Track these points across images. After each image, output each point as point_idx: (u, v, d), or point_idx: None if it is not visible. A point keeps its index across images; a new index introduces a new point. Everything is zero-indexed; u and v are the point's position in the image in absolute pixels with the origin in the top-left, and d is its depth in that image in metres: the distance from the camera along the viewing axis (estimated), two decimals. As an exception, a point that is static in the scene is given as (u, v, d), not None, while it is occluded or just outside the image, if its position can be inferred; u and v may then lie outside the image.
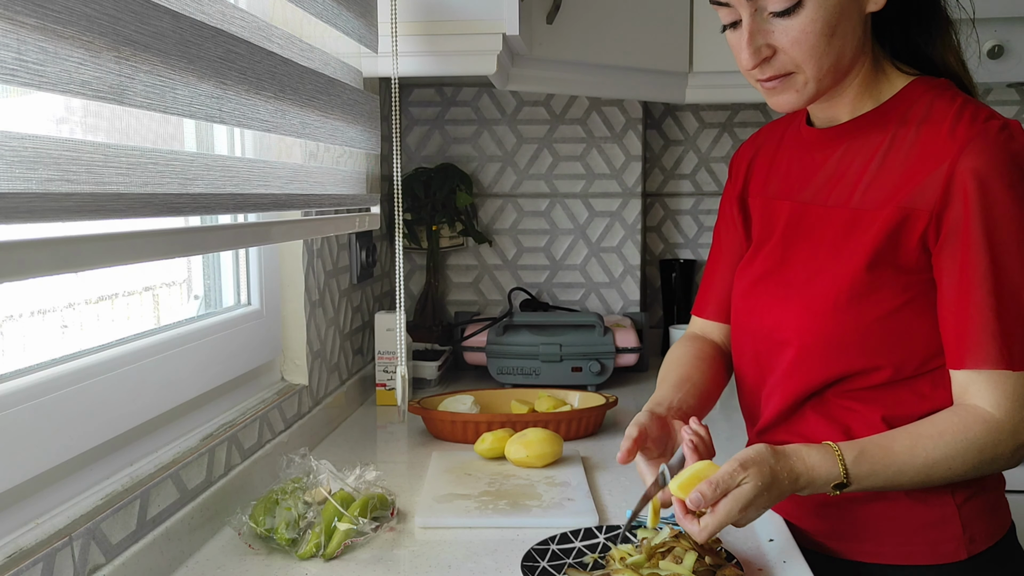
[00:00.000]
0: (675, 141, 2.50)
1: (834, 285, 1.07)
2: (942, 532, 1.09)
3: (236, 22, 1.02)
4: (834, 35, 1.01)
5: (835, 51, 1.02)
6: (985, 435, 1.00)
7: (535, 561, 1.04)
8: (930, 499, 1.09)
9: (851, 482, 0.99)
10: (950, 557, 1.08)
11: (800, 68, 1.03)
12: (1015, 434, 1.01)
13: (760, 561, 1.08)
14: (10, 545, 0.83)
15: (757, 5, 1.01)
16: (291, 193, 1.23)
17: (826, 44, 1.01)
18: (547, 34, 1.78)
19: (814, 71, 1.03)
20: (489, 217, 2.39)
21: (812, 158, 1.15)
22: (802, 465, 0.99)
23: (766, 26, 1.02)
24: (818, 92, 1.05)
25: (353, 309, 1.89)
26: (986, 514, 1.11)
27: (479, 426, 1.56)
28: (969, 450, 1.00)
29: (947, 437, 1.00)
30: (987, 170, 0.98)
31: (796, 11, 0.99)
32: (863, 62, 1.07)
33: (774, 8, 1.00)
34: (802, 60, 1.02)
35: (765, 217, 1.20)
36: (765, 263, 1.18)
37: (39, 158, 0.68)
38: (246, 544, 1.12)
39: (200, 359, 1.21)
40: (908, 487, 1.04)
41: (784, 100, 1.06)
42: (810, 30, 1.00)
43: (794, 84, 1.05)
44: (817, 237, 1.11)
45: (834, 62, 1.03)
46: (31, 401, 0.86)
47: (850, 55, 1.04)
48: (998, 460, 1.02)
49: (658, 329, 2.46)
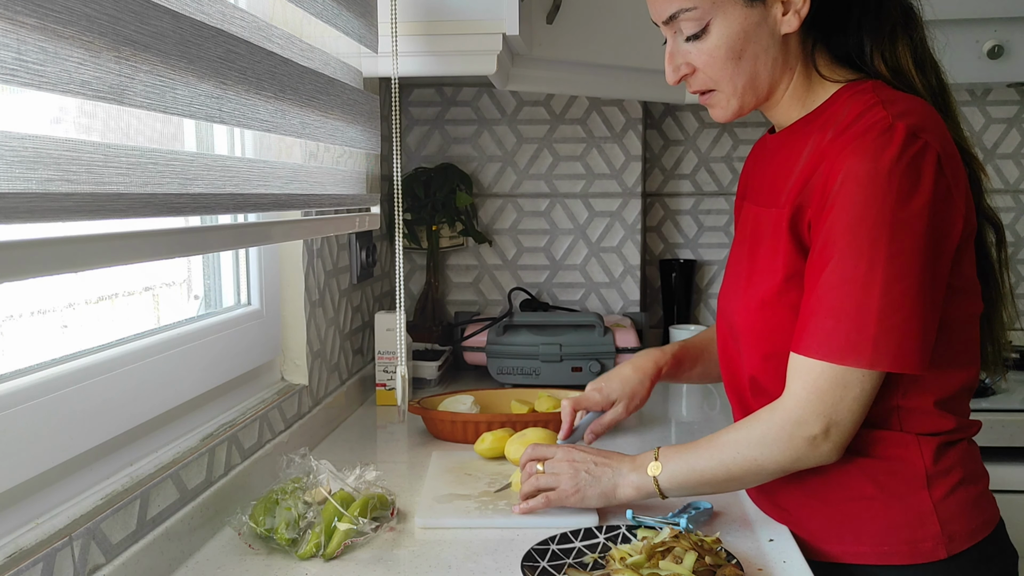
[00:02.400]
0: (675, 141, 2.50)
1: (762, 282, 1.13)
2: (919, 531, 1.09)
3: (236, 22, 1.02)
4: (741, 58, 1.10)
5: (746, 71, 1.10)
6: (768, 423, 1.07)
7: (535, 561, 1.04)
8: (905, 497, 1.09)
9: (667, 496, 1.15)
10: (929, 556, 1.09)
11: (718, 85, 1.12)
12: (802, 423, 1.05)
13: (760, 561, 1.08)
14: (10, 545, 0.83)
15: (675, 28, 1.11)
16: (291, 193, 1.23)
17: (734, 66, 1.10)
18: (547, 34, 1.78)
19: (729, 89, 1.12)
20: (489, 217, 2.39)
21: (767, 163, 1.22)
22: (624, 480, 1.16)
23: (684, 47, 1.12)
24: (741, 106, 1.14)
25: (353, 309, 1.89)
26: (966, 512, 1.10)
27: (479, 426, 1.56)
28: (753, 440, 1.08)
29: (739, 434, 1.10)
30: (853, 171, 1.01)
31: (703, 35, 1.09)
32: (790, 77, 1.14)
33: (687, 32, 1.10)
34: (716, 79, 1.12)
35: (742, 221, 1.27)
36: (732, 262, 1.26)
37: (39, 158, 0.68)
38: (246, 544, 1.12)
39: (200, 359, 1.21)
40: (729, 488, 1.14)
41: (714, 113, 1.16)
42: (717, 54, 1.09)
43: (717, 100, 1.14)
44: (759, 236, 1.17)
45: (748, 80, 1.11)
46: (31, 401, 0.86)
47: (767, 73, 1.12)
48: (795, 451, 1.06)
49: (658, 329, 2.46)
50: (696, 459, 1.13)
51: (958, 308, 1.08)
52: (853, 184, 1.01)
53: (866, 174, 1.00)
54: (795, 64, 1.13)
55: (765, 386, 1.15)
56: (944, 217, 1.02)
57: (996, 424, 1.87)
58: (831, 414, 1.04)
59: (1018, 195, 2.45)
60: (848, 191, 1.01)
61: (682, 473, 1.13)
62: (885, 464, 1.10)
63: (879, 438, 1.10)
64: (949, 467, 1.10)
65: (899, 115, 1.03)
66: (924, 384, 1.08)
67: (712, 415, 1.86)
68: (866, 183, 1.00)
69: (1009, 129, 2.43)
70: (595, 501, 1.17)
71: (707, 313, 2.52)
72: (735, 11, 1.08)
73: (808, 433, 1.04)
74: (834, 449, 1.06)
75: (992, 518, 1.14)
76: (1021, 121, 2.43)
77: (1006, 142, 2.44)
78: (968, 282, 1.10)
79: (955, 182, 1.03)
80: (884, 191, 0.99)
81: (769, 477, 1.11)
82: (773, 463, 1.08)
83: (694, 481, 1.13)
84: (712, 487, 1.14)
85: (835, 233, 1.02)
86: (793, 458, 1.07)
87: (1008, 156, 2.44)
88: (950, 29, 2.06)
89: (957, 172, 1.04)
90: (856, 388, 1.03)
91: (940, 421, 1.10)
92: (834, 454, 1.06)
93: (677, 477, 1.13)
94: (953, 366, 1.10)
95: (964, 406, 1.15)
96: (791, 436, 1.05)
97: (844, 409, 1.03)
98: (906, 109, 1.05)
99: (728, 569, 0.99)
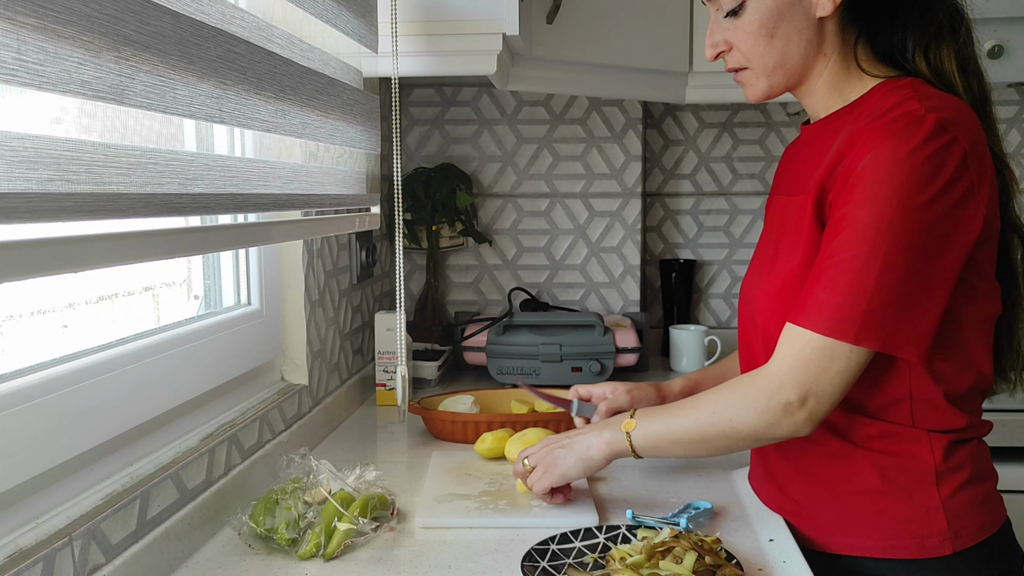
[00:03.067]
0: (675, 141, 2.50)
1: (785, 267, 1.13)
2: (926, 526, 1.09)
3: (236, 22, 1.02)
4: (773, 36, 1.12)
5: (777, 50, 1.13)
6: (748, 385, 1.08)
7: (535, 561, 1.04)
8: (914, 492, 1.10)
9: (641, 456, 1.16)
10: (935, 551, 1.09)
11: (750, 63, 1.15)
12: (781, 388, 1.05)
13: (760, 561, 1.08)
14: (10, 545, 0.83)
15: (716, 5, 1.15)
16: (291, 193, 1.23)
17: (766, 43, 1.13)
18: (547, 34, 1.78)
19: (760, 67, 1.15)
20: (489, 217, 2.39)
21: (799, 153, 1.23)
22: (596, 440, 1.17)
23: (723, 23, 1.15)
24: (771, 87, 1.16)
25: (353, 309, 1.89)
26: (974, 510, 1.11)
27: (479, 426, 1.56)
28: (731, 401, 1.09)
29: (718, 395, 1.11)
30: (876, 152, 1.02)
31: (740, 11, 1.13)
32: (824, 63, 1.15)
33: (726, 8, 1.14)
34: (748, 56, 1.15)
35: (770, 213, 1.28)
36: (757, 254, 1.26)
37: (39, 158, 0.68)
38: (246, 544, 1.12)
39: (200, 359, 1.21)
40: (701, 451, 1.13)
41: (746, 92, 1.19)
42: (750, 30, 1.13)
43: (748, 78, 1.17)
44: (785, 224, 1.17)
45: (778, 60, 1.14)
46: (31, 401, 0.86)
47: (800, 55, 1.13)
48: (770, 416, 1.06)
49: (658, 329, 2.46)
50: (671, 418, 1.13)
51: (975, 307, 1.09)
52: (873, 164, 1.02)
53: (887, 157, 1.01)
54: (832, 52, 1.14)
55: None
56: (962, 214, 1.03)
57: (1002, 424, 1.87)
58: (811, 384, 1.04)
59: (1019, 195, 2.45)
60: (867, 171, 1.02)
61: (655, 431, 1.14)
62: (895, 459, 1.11)
63: (891, 432, 1.10)
64: (959, 465, 1.11)
65: (932, 108, 1.04)
66: (935, 376, 1.09)
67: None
68: (885, 165, 1.01)
69: (1009, 129, 2.43)
70: (575, 471, 1.18)
71: (707, 313, 2.52)
72: None
73: (785, 399, 1.05)
74: (808, 420, 1.05)
75: (999, 517, 1.14)
76: (1021, 121, 2.43)
77: (1006, 142, 2.43)
78: (987, 283, 1.10)
79: (979, 181, 1.04)
80: (902, 175, 1.00)
81: (741, 443, 1.10)
82: (746, 426, 1.08)
83: (667, 440, 1.13)
84: (684, 448, 1.14)
85: (848, 210, 1.04)
86: (767, 423, 1.06)
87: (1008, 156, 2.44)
88: (950, 29, 2.07)
89: (984, 173, 1.05)
90: (841, 363, 1.03)
91: (951, 418, 1.10)
92: (807, 426, 1.06)
93: (651, 435, 1.14)
94: (966, 362, 1.10)
95: (975, 405, 1.15)
96: (768, 400, 1.06)
97: (825, 381, 1.04)
98: (941, 104, 1.06)
99: (728, 569, 0.99)
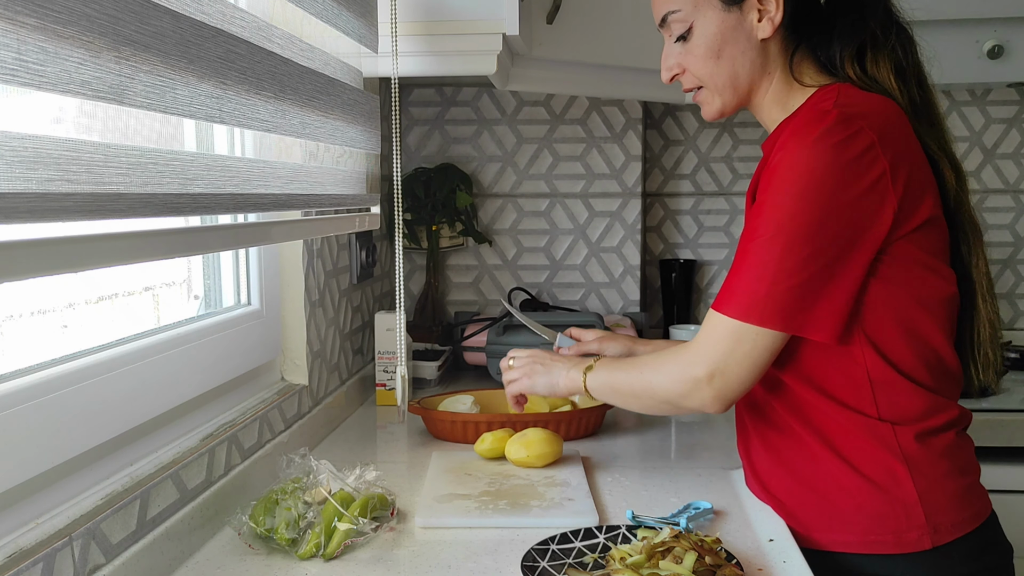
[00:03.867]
0: (675, 141, 2.50)
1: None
2: (904, 521, 1.10)
3: (236, 22, 1.02)
4: (720, 57, 1.19)
5: (725, 70, 1.20)
6: (673, 356, 1.17)
7: (535, 561, 1.04)
8: (889, 488, 1.11)
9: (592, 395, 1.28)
10: (915, 546, 1.10)
11: (703, 83, 1.22)
12: (693, 364, 1.13)
13: (760, 561, 1.08)
14: (10, 545, 0.83)
15: (668, 31, 1.23)
16: (291, 193, 1.23)
17: (714, 64, 1.20)
18: (547, 34, 1.78)
19: (712, 86, 1.21)
20: (489, 217, 2.39)
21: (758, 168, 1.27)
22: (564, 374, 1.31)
23: (675, 48, 1.23)
24: (724, 104, 1.23)
25: (353, 309, 1.89)
26: (953, 504, 1.11)
27: (479, 426, 1.56)
28: (657, 367, 1.19)
29: (652, 359, 1.21)
30: (784, 153, 1.08)
31: (689, 36, 1.20)
32: (769, 81, 1.21)
33: (676, 33, 1.21)
34: (700, 76, 1.21)
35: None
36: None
37: (39, 158, 0.68)
38: (246, 544, 1.12)
39: (200, 359, 1.21)
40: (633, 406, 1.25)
41: (704, 111, 1.26)
42: (698, 52, 1.20)
43: (704, 97, 1.24)
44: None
45: (727, 79, 1.20)
46: (31, 401, 0.86)
47: (747, 74, 1.20)
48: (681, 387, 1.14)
49: (658, 329, 2.46)
50: (617, 371, 1.25)
51: (922, 288, 1.12)
52: (781, 159, 1.09)
53: (793, 150, 1.07)
54: (775, 69, 1.21)
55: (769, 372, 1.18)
56: (872, 199, 1.06)
57: (995, 424, 1.87)
58: (718, 363, 1.11)
59: (1018, 195, 2.45)
60: (776, 166, 1.09)
61: (603, 379, 1.26)
62: (867, 454, 1.12)
63: (859, 425, 1.11)
64: (935, 458, 1.11)
65: (841, 105, 1.10)
66: (885, 354, 1.11)
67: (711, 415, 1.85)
68: (790, 157, 1.08)
69: (1009, 129, 2.43)
70: (542, 388, 1.33)
71: (707, 313, 2.51)
72: (714, 14, 1.18)
73: (695, 374, 1.12)
74: (716, 398, 1.12)
75: (982, 511, 1.14)
76: (1021, 121, 2.43)
77: (1006, 142, 2.44)
78: (933, 266, 1.13)
79: (895, 170, 1.06)
80: (803, 164, 1.06)
81: (661, 405, 1.20)
82: (663, 391, 1.17)
83: (609, 388, 1.26)
84: (620, 399, 1.26)
85: (759, 202, 1.11)
86: (678, 393, 1.15)
87: (1008, 156, 2.44)
88: (950, 29, 2.07)
89: (901, 164, 1.07)
90: (747, 344, 1.09)
91: (917, 402, 1.11)
92: (715, 403, 1.13)
93: (599, 379, 1.26)
94: (918, 341, 1.12)
95: (944, 391, 1.15)
96: (682, 372, 1.14)
97: (733, 362, 1.10)
98: (854, 102, 1.11)
99: (728, 569, 0.99)
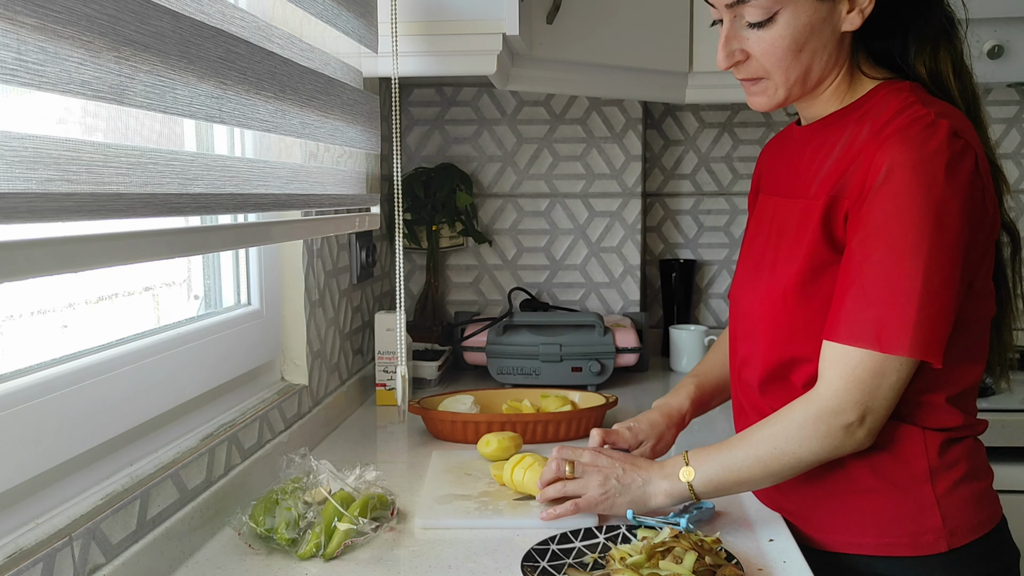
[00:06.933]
0: (675, 141, 2.50)
1: (786, 272, 1.13)
2: (921, 524, 1.10)
3: (236, 22, 1.02)
4: (802, 51, 1.09)
5: (803, 64, 1.10)
6: (804, 414, 1.07)
7: (535, 561, 1.04)
8: (908, 490, 1.10)
9: (702, 499, 1.15)
10: (930, 549, 1.10)
11: (769, 75, 1.12)
12: (839, 412, 1.05)
13: (760, 561, 1.08)
14: (10, 545, 0.83)
15: (736, 12, 1.10)
16: (291, 193, 1.23)
17: (793, 57, 1.09)
18: (547, 34, 1.78)
19: (782, 80, 1.11)
20: (489, 217, 2.39)
21: (793, 155, 1.22)
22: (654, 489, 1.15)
23: (742, 33, 1.11)
24: (787, 98, 1.14)
25: (353, 309, 1.89)
26: (969, 507, 1.11)
27: (479, 426, 1.56)
28: (791, 434, 1.07)
29: (775, 428, 1.09)
30: (899, 160, 1.02)
31: (769, 24, 1.08)
32: (837, 72, 1.14)
33: (750, 19, 1.09)
34: (771, 68, 1.11)
35: (760, 212, 1.27)
36: (750, 253, 1.25)
37: (39, 158, 0.68)
38: (246, 544, 1.12)
39: (200, 359, 1.21)
40: (766, 484, 1.13)
41: (757, 101, 1.15)
42: (779, 44, 1.08)
43: (765, 88, 1.13)
44: (784, 228, 1.17)
45: (801, 74, 1.11)
46: (31, 401, 0.86)
47: (820, 68, 1.12)
48: (833, 440, 1.06)
49: (658, 329, 2.46)
50: (730, 459, 1.12)
51: (976, 308, 1.10)
52: (900, 173, 1.02)
53: (913, 164, 1.01)
54: (844, 61, 1.14)
55: (781, 381, 1.16)
56: (974, 218, 1.04)
57: (998, 424, 1.87)
58: (868, 402, 1.04)
59: (1018, 195, 2.45)
60: (895, 180, 1.02)
61: (717, 475, 1.12)
62: (890, 457, 1.11)
63: (886, 430, 1.10)
64: (953, 462, 1.11)
65: (940, 114, 1.05)
66: (940, 378, 1.09)
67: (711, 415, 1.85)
68: (912, 172, 1.01)
69: (1009, 129, 2.43)
70: (623, 509, 1.16)
71: (707, 313, 2.52)
72: (807, 4, 1.07)
73: (845, 421, 1.05)
74: (868, 435, 1.07)
75: (994, 515, 1.15)
76: (1021, 121, 2.43)
77: (1006, 142, 2.44)
78: (986, 284, 1.12)
79: (987, 187, 1.06)
80: (930, 181, 1.01)
81: (807, 468, 1.10)
82: (811, 454, 1.08)
83: (731, 481, 1.12)
84: (749, 485, 1.14)
85: (879, 221, 1.03)
86: (831, 447, 1.07)
87: (1008, 156, 2.44)
88: (950, 29, 2.06)
89: (989, 178, 1.06)
90: (893, 376, 1.04)
91: (949, 417, 1.11)
92: (868, 440, 1.07)
93: (712, 480, 1.13)
94: (965, 363, 1.11)
95: (971, 403, 1.16)
96: (829, 426, 1.06)
97: (880, 396, 1.04)
98: (944, 111, 1.07)
99: (728, 569, 0.99)
